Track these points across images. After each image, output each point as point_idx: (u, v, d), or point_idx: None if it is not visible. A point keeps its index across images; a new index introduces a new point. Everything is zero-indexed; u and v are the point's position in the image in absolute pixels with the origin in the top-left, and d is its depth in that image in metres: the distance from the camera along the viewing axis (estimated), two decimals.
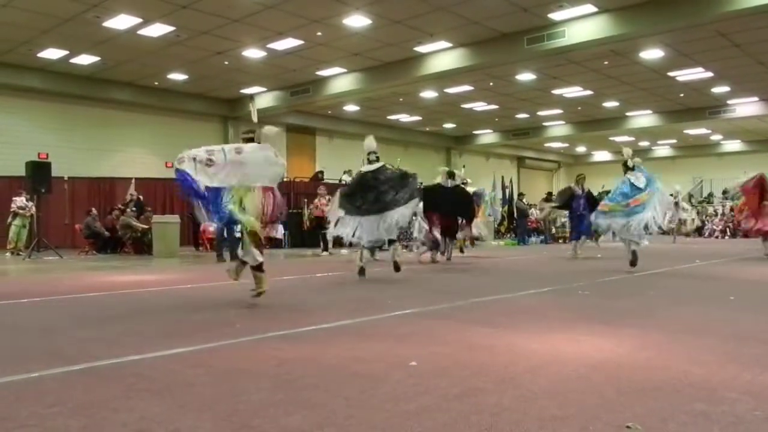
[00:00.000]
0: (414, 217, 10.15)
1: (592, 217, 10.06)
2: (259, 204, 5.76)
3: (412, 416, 2.56)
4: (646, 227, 8.89)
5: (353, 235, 8.17)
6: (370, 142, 8.84)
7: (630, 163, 9.38)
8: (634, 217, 8.81)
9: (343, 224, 8.27)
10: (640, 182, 9.08)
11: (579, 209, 12.64)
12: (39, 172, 14.09)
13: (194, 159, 5.50)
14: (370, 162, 8.62)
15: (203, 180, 5.46)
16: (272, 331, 4.52)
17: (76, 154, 18.87)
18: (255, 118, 6.68)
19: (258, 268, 5.97)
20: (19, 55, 16.45)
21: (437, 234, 11.36)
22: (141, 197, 16.12)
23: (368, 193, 8.23)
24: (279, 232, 16.77)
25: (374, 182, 8.30)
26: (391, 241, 8.77)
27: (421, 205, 9.87)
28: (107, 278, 9.13)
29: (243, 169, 5.69)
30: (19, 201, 14.63)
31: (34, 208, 14.64)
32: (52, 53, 16.27)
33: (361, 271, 8.60)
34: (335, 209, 8.50)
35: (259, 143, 6.23)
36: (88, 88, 18.94)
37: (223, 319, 5.30)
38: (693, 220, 23.65)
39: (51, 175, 14.49)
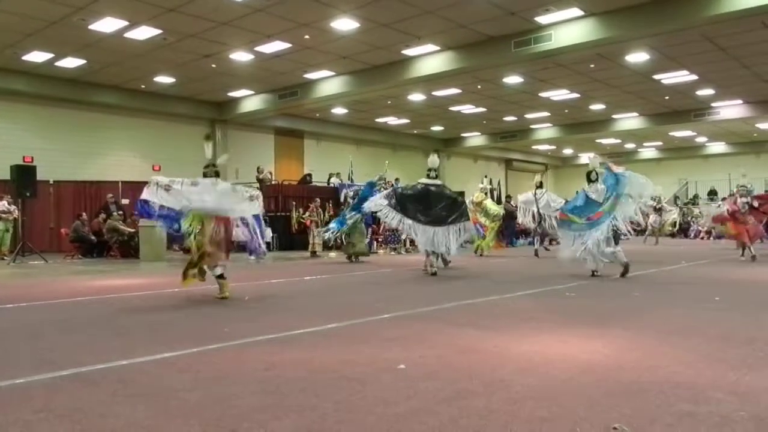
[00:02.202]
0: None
1: (556, 225, 9.91)
2: (211, 230, 6.86)
3: (401, 419, 2.57)
4: (616, 235, 8.77)
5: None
6: (433, 159, 10.24)
7: (593, 175, 8.96)
8: (592, 233, 8.59)
9: (393, 221, 9.79)
10: (600, 196, 8.77)
11: None
12: (24, 176, 13.94)
13: (156, 183, 6.77)
14: (429, 177, 9.94)
15: (157, 200, 6.69)
16: (260, 335, 4.50)
17: (62, 157, 18.68)
18: (209, 154, 7.46)
19: (220, 276, 7.02)
20: (4, 58, 16.27)
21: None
22: (117, 201, 16.10)
23: (427, 205, 9.56)
24: (267, 235, 16.77)
25: (434, 198, 9.62)
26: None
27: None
28: (94, 283, 9.05)
29: (196, 198, 6.81)
30: (1, 205, 14.48)
31: (17, 212, 14.49)
32: (37, 56, 16.11)
33: (432, 273, 9.63)
34: (390, 208, 9.68)
35: (216, 178, 7.24)
36: (74, 91, 18.77)
37: (211, 323, 5.28)
38: (674, 221, 23.77)
39: (36, 178, 14.35)
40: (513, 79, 19.36)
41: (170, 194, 6.73)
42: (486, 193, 16.21)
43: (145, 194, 6.76)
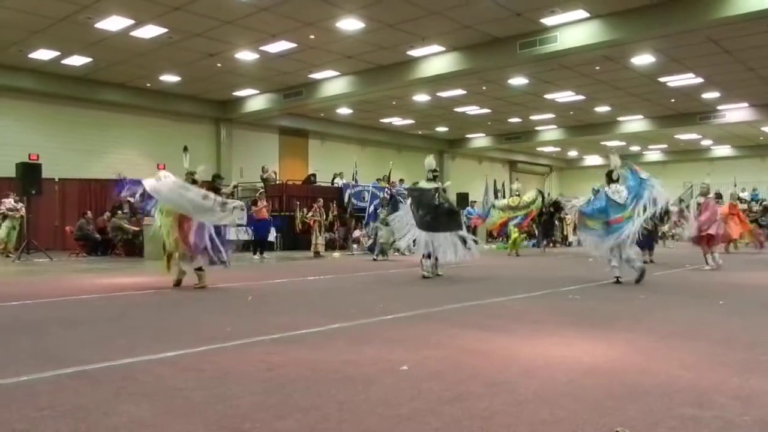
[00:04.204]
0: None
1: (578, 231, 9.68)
2: (173, 226, 7.74)
3: (404, 420, 2.57)
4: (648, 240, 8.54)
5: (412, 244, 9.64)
6: (430, 160, 9.91)
7: (615, 175, 8.59)
8: (615, 236, 8.22)
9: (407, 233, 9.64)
10: (621, 197, 8.35)
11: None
12: (29, 174, 13.97)
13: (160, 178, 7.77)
14: (428, 180, 9.68)
15: (146, 183, 7.68)
16: (263, 335, 4.51)
17: (67, 155, 18.73)
18: (186, 164, 8.34)
19: (199, 269, 7.87)
20: (10, 56, 16.34)
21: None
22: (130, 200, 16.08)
23: (430, 211, 9.35)
24: (271, 234, 16.82)
25: (434, 203, 9.40)
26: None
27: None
28: (98, 281, 9.08)
29: (173, 196, 7.66)
30: (8, 203, 14.51)
31: (24, 210, 14.52)
32: (43, 54, 16.17)
33: (427, 276, 9.44)
34: (406, 218, 9.66)
35: (196, 184, 8.06)
36: (80, 89, 18.83)
37: (215, 322, 5.29)
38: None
39: (41, 176, 14.38)
40: (518, 81, 19.34)
41: (158, 184, 7.66)
42: (519, 195, 16.62)
43: (145, 182, 7.73)
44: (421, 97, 21.89)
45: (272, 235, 17.02)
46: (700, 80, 19.12)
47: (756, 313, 5.83)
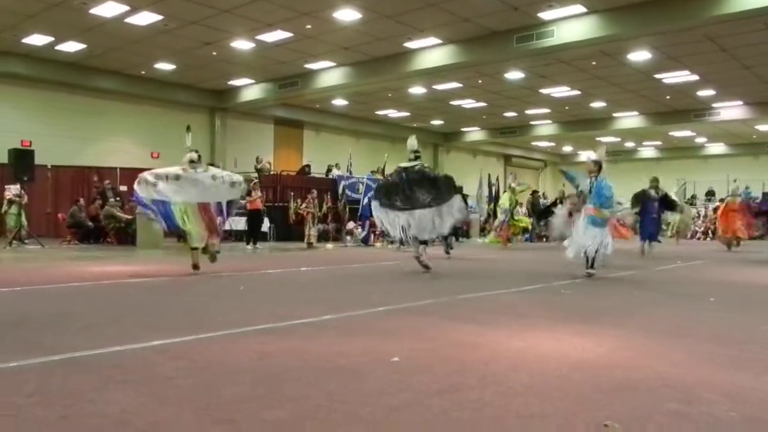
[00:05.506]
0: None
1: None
2: (198, 216, 7.85)
3: (394, 411, 2.57)
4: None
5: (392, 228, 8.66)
6: (411, 141, 9.11)
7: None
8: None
9: (380, 217, 8.84)
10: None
11: (653, 212, 12.87)
12: (22, 160, 13.90)
13: (145, 181, 7.61)
14: (409, 161, 8.90)
15: (147, 195, 7.61)
16: (255, 325, 4.51)
17: (61, 142, 18.64)
18: (189, 143, 8.28)
19: (195, 248, 8.00)
20: (4, 41, 16.21)
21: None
22: (115, 188, 16.09)
23: (400, 191, 8.63)
24: (264, 225, 16.81)
25: (406, 181, 8.66)
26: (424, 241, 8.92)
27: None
28: (89, 268, 9.05)
29: (184, 189, 7.68)
30: (14, 189, 14.41)
31: (26, 197, 14.46)
32: (37, 39, 16.05)
33: (421, 264, 8.81)
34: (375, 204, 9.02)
35: (196, 164, 7.96)
36: (74, 75, 18.72)
37: (206, 311, 5.28)
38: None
39: (34, 163, 14.31)
40: (514, 75, 19.35)
41: (156, 190, 7.59)
42: (513, 191, 16.62)
43: (137, 189, 7.69)
44: (417, 90, 21.88)
45: (266, 226, 17.01)
46: (695, 78, 19.18)
47: (746, 311, 5.86)
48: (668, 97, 22.22)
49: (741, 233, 15.48)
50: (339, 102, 24.26)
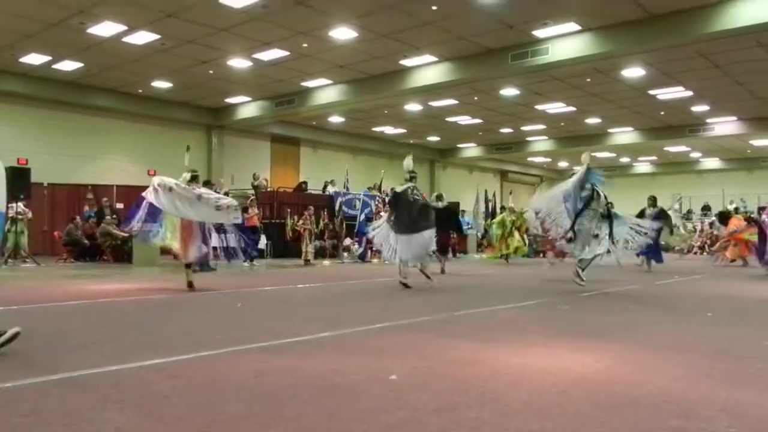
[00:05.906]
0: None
1: None
2: (178, 230, 8.25)
3: (391, 429, 2.56)
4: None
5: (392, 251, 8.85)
6: (408, 162, 9.35)
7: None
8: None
9: (386, 242, 8.99)
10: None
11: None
12: (18, 178, 13.86)
13: (162, 185, 7.99)
14: (405, 181, 9.16)
15: (156, 202, 7.95)
16: (251, 343, 4.49)
17: (57, 160, 18.63)
18: (187, 162, 8.65)
19: (187, 266, 8.45)
20: (1, 60, 16.27)
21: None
22: (110, 205, 16.07)
23: (406, 213, 8.84)
24: (261, 242, 16.79)
25: (409, 204, 8.88)
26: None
27: None
28: (86, 286, 9.01)
29: (177, 204, 7.97)
30: (18, 206, 14.34)
31: (30, 214, 14.41)
32: (34, 58, 16.11)
33: (405, 285, 8.93)
34: (383, 228, 9.17)
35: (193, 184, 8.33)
36: (71, 94, 18.76)
37: (203, 329, 5.26)
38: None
39: (30, 181, 14.27)
40: (509, 92, 19.47)
41: (168, 196, 7.89)
42: (511, 211, 16.65)
43: (149, 197, 7.99)
44: (413, 107, 21.98)
45: (262, 243, 16.99)
46: (689, 93, 19.32)
47: (744, 325, 5.86)
48: (663, 112, 22.36)
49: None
50: (335, 119, 24.35)
